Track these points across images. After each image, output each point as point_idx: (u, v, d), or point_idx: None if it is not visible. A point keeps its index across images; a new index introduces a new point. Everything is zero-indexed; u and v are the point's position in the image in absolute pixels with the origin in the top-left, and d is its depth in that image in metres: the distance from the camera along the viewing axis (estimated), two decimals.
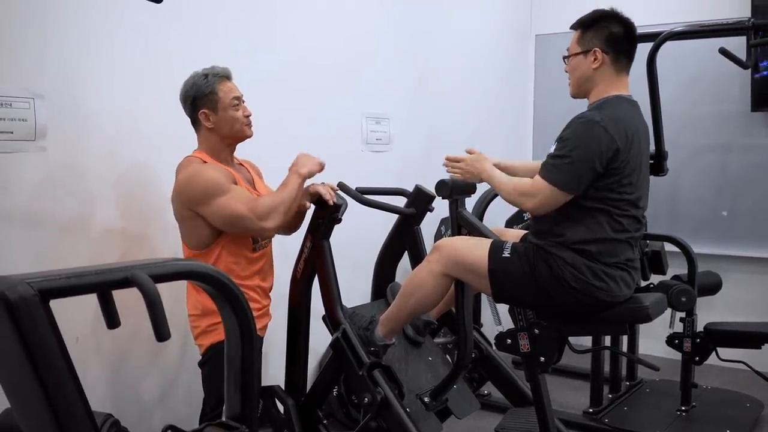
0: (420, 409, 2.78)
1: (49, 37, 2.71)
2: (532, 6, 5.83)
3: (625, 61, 2.68)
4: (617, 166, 2.48)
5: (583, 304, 2.51)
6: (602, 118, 2.49)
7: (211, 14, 3.23)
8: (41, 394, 1.41)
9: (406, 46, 4.60)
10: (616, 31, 2.64)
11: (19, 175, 2.64)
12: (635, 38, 2.69)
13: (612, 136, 2.47)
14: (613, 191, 2.50)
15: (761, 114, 4.84)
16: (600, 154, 2.46)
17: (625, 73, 2.69)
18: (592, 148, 2.46)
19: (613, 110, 2.55)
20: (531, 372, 2.66)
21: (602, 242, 2.50)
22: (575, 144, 2.49)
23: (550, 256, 2.50)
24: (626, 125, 2.53)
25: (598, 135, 2.47)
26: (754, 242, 4.91)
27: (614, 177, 2.49)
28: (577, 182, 2.49)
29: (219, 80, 2.76)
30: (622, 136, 2.49)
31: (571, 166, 2.48)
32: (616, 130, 2.48)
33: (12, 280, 1.40)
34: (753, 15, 4.47)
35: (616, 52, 2.64)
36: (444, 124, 4.86)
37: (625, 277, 2.54)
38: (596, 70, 2.65)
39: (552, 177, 2.51)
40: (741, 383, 4.34)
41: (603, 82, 2.65)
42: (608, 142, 2.46)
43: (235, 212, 2.64)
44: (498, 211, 4.48)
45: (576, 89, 2.74)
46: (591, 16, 2.70)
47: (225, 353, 1.87)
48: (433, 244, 2.76)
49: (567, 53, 2.74)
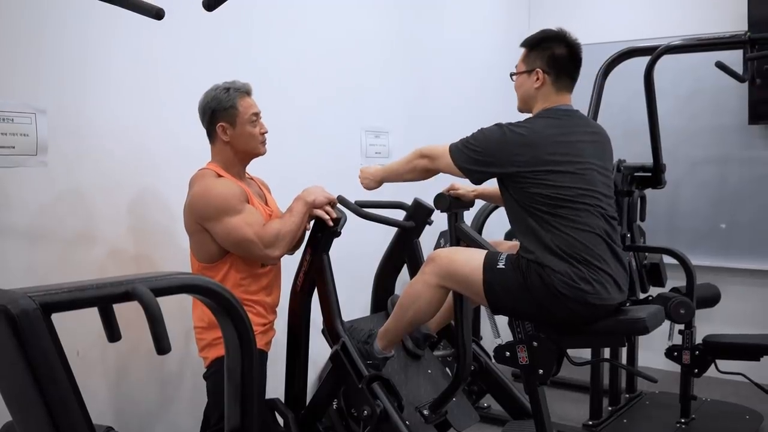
0: (419, 422, 2.79)
1: (51, 53, 2.74)
2: (530, 19, 5.86)
3: (567, 81, 2.75)
4: (526, 170, 2.55)
5: (576, 311, 2.50)
6: (508, 130, 2.61)
7: (211, 30, 3.25)
8: (43, 406, 1.42)
9: (405, 61, 4.62)
10: (559, 53, 2.71)
11: (20, 189, 2.65)
12: (578, 59, 2.76)
13: (513, 146, 2.57)
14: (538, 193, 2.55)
15: (759, 127, 4.86)
16: (496, 162, 2.60)
17: (566, 91, 2.76)
18: (491, 153, 2.61)
19: (529, 123, 2.66)
20: (530, 384, 2.66)
21: (568, 242, 2.50)
22: (480, 143, 2.65)
23: (538, 267, 2.51)
24: (534, 135, 2.59)
25: (500, 143, 2.60)
26: (752, 254, 4.92)
27: (529, 179, 2.55)
28: (466, 171, 2.67)
29: (240, 95, 2.79)
30: (525, 143, 2.57)
31: (468, 155, 2.65)
32: (517, 141, 2.58)
33: (14, 294, 1.42)
34: (750, 29, 4.48)
35: (557, 73, 2.71)
36: (443, 138, 4.79)
37: (610, 281, 2.54)
38: (537, 90, 2.73)
39: (456, 155, 2.68)
40: (740, 395, 4.34)
41: (542, 100, 2.73)
42: (508, 151, 2.58)
43: (243, 236, 2.67)
44: (497, 225, 4.49)
45: (521, 105, 2.85)
46: (537, 36, 2.78)
47: (225, 367, 1.88)
48: (428, 255, 2.77)
49: (515, 70, 2.83)
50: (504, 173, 2.62)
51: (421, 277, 2.74)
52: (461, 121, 5.00)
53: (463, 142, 2.69)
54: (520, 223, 2.63)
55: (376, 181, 3.01)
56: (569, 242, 2.50)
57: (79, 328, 2.34)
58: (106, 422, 2.28)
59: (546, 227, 2.53)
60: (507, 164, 2.59)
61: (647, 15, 5.27)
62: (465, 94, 5.16)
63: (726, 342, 3.85)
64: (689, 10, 5.14)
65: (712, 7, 5.04)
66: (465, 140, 2.70)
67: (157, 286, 1.60)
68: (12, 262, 2.63)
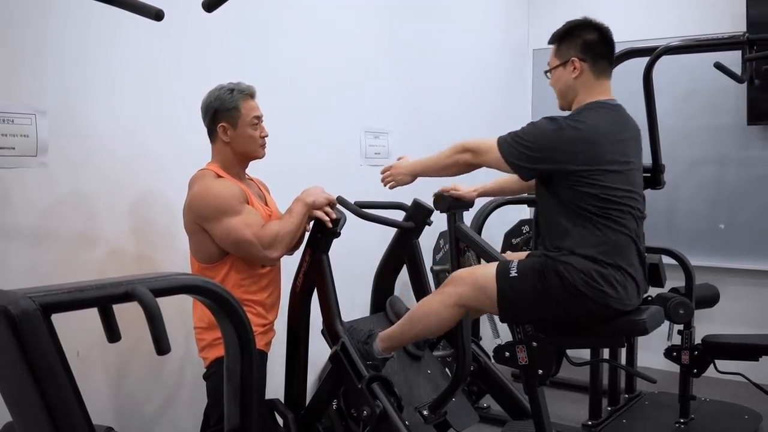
0: (419, 422, 2.80)
1: (52, 54, 2.74)
2: (529, 21, 5.87)
3: (605, 65, 2.69)
4: (585, 169, 2.49)
5: (593, 312, 2.50)
6: (565, 125, 2.53)
7: (211, 31, 3.26)
8: (43, 407, 1.42)
9: (405, 62, 4.63)
10: (590, 38, 2.67)
11: (21, 190, 2.65)
12: (611, 42, 2.71)
13: (571, 142, 2.50)
14: (588, 193, 2.50)
15: (757, 128, 4.87)
16: (551, 158, 2.52)
17: (606, 77, 2.70)
18: (546, 148, 2.53)
19: (582, 117, 2.58)
20: (529, 384, 2.67)
21: (603, 243, 2.49)
22: (534, 137, 2.56)
23: (560, 265, 2.49)
24: (590, 131, 2.53)
25: (556, 139, 2.52)
26: (751, 255, 4.93)
27: (583, 178, 2.50)
28: (518, 166, 2.59)
29: (243, 97, 2.80)
30: (584, 142, 2.51)
31: (521, 150, 2.56)
32: (575, 137, 2.51)
33: (14, 295, 1.42)
34: (748, 30, 4.50)
35: (593, 58, 2.66)
36: (442, 139, 4.81)
37: (633, 286, 2.54)
38: (576, 79, 2.67)
39: (506, 151, 2.58)
40: (739, 395, 4.34)
41: (584, 89, 2.67)
42: (565, 148, 2.50)
43: (242, 237, 2.67)
44: (497, 225, 4.51)
45: (561, 101, 2.79)
46: (563, 28, 2.74)
47: (224, 367, 1.88)
48: (450, 276, 2.74)
49: (548, 67, 2.78)
50: (557, 170, 2.53)
51: (440, 295, 2.71)
52: (461, 121, 5.03)
53: (513, 136, 2.60)
54: (550, 220, 2.59)
55: (410, 176, 2.92)
56: (604, 243, 2.48)
57: (79, 328, 2.34)
58: (106, 422, 2.28)
59: (586, 226, 2.50)
60: (563, 161, 2.51)
61: (646, 16, 5.28)
62: (465, 95, 5.17)
63: (725, 342, 3.86)
64: (688, 11, 5.15)
65: (710, 7, 5.05)
66: (515, 135, 2.60)
67: (157, 287, 1.60)
68: (12, 262, 2.64)
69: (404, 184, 2.95)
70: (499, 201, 4.05)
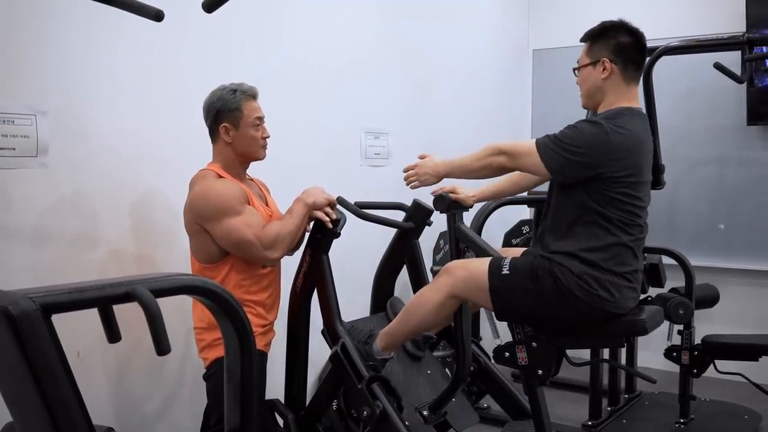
0: (419, 422, 2.79)
1: (52, 55, 2.74)
2: (529, 21, 5.87)
3: (634, 71, 2.67)
4: (616, 176, 2.48)
5: (587, 315, 2.50)
6: (611, 130, 2.49)
7: (211, 32, 3.26)
8: (43, 407, 1.42)
9: (404, 62, 4.63)
10: (624, 41, 2.65)
11: (21, 191, 2.66)
12: (644, 48, 2.69)
13: (615, 148, 2.48)
14: (614, 199, 2.49)
15: (757, 128, 4.87)
16: (594, 164, 2.48)
17: (635, 83, 2.68)
18: (592, 154, 2.48)
19: (624, 122, 2.54)
20: (529, 385, 2.67)
21: (606, 249, 2.49)
22: (579, 142, 2.49)
23: (556, 267, 2.49)
24: (633, 138, 2.53)
25: (603, 144, 2.48)
26: (751, 255, 4.93)
27: (614, 185, 2.49)
28: (561, 172, 2.53)
29: (246, 98, 2.80)
30: (626, 149, 2.49)
31: (566, 156, 2.50)
32: (619, 143, 2.48)
33: (15, 295, 1.42)
34: (748, 30, 4.50)
35: (624, 61, 2.64)
36: (442, 139, 4.88)
37: (630, 290, 2.55)
38: (605, 81, 2.64)
39: (546, 155, 2.52)
40: (739, 395, 4.34)
41: (612, 92, 2.65)
42: (609, 154, 2.47)
43: (242, 237, 2.68)
44: (496, 225, 4.51)
45: (586, 100, 2.75)
46: (599, 27, 2.71)
47: (225, 368, 1.88)
48: (443, 267, 2.75)
49: (577, 65, 2.75)
50: (596, 175, 2.49)
51: (433, 287, 2.72)
52: (461, 121, 5.04)
53: (554, 140, 2.52)
54: (560, 221, 2.57)
55: (436, 177, 2.84)
56: (610, 250, 2.48)
57: (79, 329, 2.34)
58: (106, 423, 2.28)
59: (595, 231, 2.49)
60: (604, 166, 2.47)
61: (645, 16, 5.21)
62: (465, 95, 5.17)
63: (725, 342, 3.86)
64: (688, 12, 5.15)
65: (710, 8, 5.05)
66: (556, 139, 2.52)
67: (157, 287, 1.60)
68: (13, 263, 2.64)
69: (429, 185, 2.89)
70: (499, 201, 4.05)
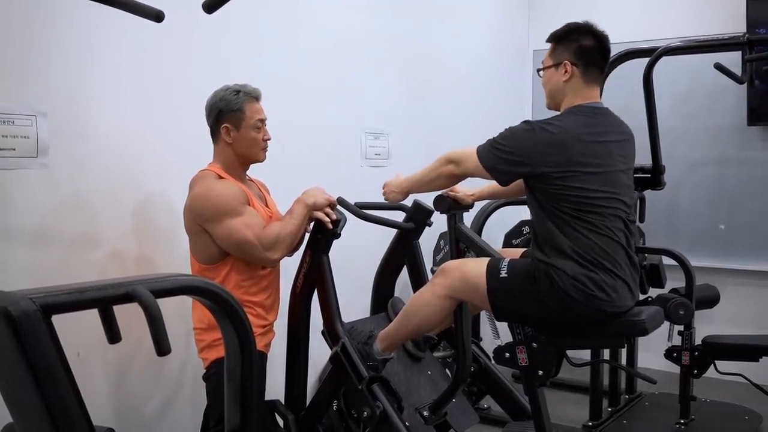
0: (419, 423, 2.80)
1: (52, 55, 2.74)
2: (529, 22, 5.87)
3: (596, 73, 2.69)
4: (554, 170, 2.50)
5: (585, 316, 2.50)
6: (539, 128, 2.55)
7: (211, 32, 3.26)
8: (43, 408, 1.42)
9: (405, 63, 4.63)
10: (587, 44, 2.66)
11: (21, 191, 2.66)
12: (607, 50, 2.71)
13: (545, 145, 2.51)
14: (561, 194, 2.51)
15: (757, 128, 4.87)
16: (526, 161, 2.53)
17: (596, 84, 2.70)
18: (521, 152, 2.54)
19: (558, 120, 2.60)
20: (529, 385, 2.67)
21: (586, 246, 2.48)
22: (509, 142, 2.57)
23: (551, 270, 2.49)
24: (565, 134, 2.53)
25: (530, 142, 2.53)
26: (751, 255, 4.93)
27: (555, 179, 2.50)
28: (495, 171, 2.61)
29: (249, 99, 2.81)
30: (555, 142, 2.51)
31: (497, 155, 2.58)
32: (548, 140, 2.51)
33: (15, 296, 1.42)
34: (748, 30, 4.50)
35: (585, 64, 2.66)
36: (442, 140, 4.87)
37: (625, 288, 2.55)
38: (566, 83, 2.67)
39: (483, 157, 2.61)
40: (739, 396, 4.34)
41: (572, 93, 2.67)
42: (539, 150, 2.51)
43: (243, 238, 2.68)
44: (497, 226, 4.51)
45: (549, 101, 2.79)
46: (563, 29, 2.73)
47: (225, 368, 1.88)
48: (439, 267, 2.76)
49: (542, 65, 2.78)
50: (533, 173, 2.55)
51: (430, 287, 2.73)
52: (461, 121, 5.04)
53: (491, 142, 2.62)
54: (539, 225, 2.59)
55: (401, 194, 2.94)
56: (590, 247, 2.48)
57: (79, 329, 2.34)
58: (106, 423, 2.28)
59: (567, 230, 2.50)
60: (537, 164, 2.52)
61: (646, 16, 5.28)
62: (465, 96, 5.17)
63: (725, 343, 3.86)
64: (688, 12, 5.15)
65: (710, 8, 5.05)
66: (493, 140, 2.62)
67: (157, 288, 1.60)
68: (13, 263, 2.64)
69: (397, 202, 3.01)
70: (499, 202, 4.06)
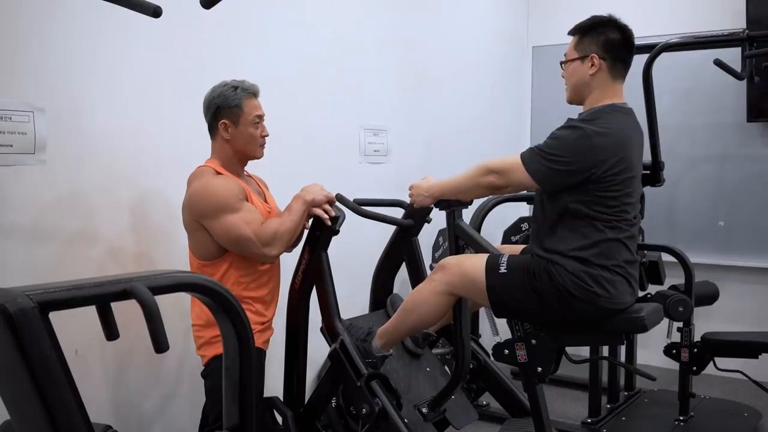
0: (418, 420, 2.79)
1: (50, 52, 2.73)
2: (528, 18, 5.86)
3: (622, 68, 2.67)
4: (604, 175, 2.47)
5: (585, 312, 2.50)
6: (592, 132, 2.48)
7: (209, 28, 3.25)
8: (41, 405, 1.42)
9: (404, 59, 4.62)
10: (614, 37, 2.63)
11: (19, 188, 2.65)
12: (632, 45, 2.68)
13: (599, 150, 2.47)
14: (603, 198, 2.49)
15: (757, 125, 4.87)
16: (581, 169, 2.47)
17: (621, 80, 2.68)
18: (577, 160, 2.47)
19: (605, 121, 2.54)
20: (528, 382, 2.67)
21: (597, 245, 2.48)
22: (562, 151, 2.49)
23: (551, 266, 2.49)
24: (616, 136, 2.52)
25: (585, 148, 2.47)
26: (750, 252, 4.93)
27: (601, 185, 2.48)
28: (549, 182, 2.53)
29: (247, 96, 2.80)
30: (610, 149, 2.49)
31: (550, 166, 2.49)
32: (602, 144, 2.48)
33: (12, 293, 1.42)
34: (748, 26, 4.50)
35: (613, 58, 2.63)
36: (442, 136, 4.88)
37: (624, 284, 2.55)
38: (593, 77, 2.63)
39: (532, 168, 2.51)
40: (739, 393, 4.34)
41: (599, 88, 2.64)
42: (593, 156, 2.47)
43: (241, 234, 2.67)
44: (495, 222, 4.50)
45: (572, 95, 2.73)
46: (589, 21, 2.69)
47: (223, 365, 1.88)
48: (438, 263, 2.75)
49: (564, 58, 2.74)
50: (584, 179, 2.47)
51: (429, 283, 2.72)
52: (460, 118, 5.03)
53: (539, 152, 2.51)
54: (551, 222, 2.56)
55: (430, 198, 2.78)
56: (599, 246, 2.48)
57: (77, 326, 2.33)
58: (104, 421, 2.28)
59: (583, 230, 2.49)
60: (592, 168, 2.46)
61: (645, 12, 5.26)
62: (464, 92, 5.16)
63: (724, 339, 3.85)
64: (687, 8, 5.14)
65: (710, 4, 5.05)
66: (540, 150, 2.51)
67: (155, 285, 1.60)
68: (10, 260, 2.63)
69: (425, 206, 2.88)
70: (498, 198, 4.04)
